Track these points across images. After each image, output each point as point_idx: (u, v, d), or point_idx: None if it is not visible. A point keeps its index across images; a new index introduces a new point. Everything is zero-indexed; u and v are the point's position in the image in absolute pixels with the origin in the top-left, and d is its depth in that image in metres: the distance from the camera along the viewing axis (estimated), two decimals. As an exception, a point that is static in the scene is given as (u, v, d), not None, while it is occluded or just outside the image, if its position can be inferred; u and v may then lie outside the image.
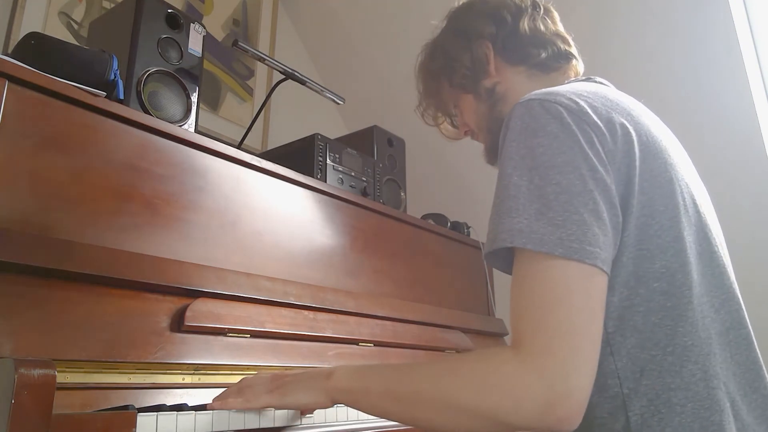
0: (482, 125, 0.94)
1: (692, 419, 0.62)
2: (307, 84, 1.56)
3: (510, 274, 0.66)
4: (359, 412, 0.94)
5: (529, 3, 0.91)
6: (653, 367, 0.64)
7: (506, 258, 0.66)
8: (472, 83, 0.92)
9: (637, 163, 0.68)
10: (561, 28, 0.93)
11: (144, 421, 0.69)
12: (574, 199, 0.62)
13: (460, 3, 0.98)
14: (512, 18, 0.90)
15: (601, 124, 0.67)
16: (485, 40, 0.90)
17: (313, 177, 1.40)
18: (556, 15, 0.94)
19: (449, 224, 1.82)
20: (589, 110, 0.67)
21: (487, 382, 0.61)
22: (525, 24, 0.89)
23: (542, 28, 0.90)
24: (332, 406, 0.78)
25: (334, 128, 2.48)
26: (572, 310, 0.59)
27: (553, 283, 0.60)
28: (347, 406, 0.80)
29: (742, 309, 0.74)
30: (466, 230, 1.86)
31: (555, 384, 0.56)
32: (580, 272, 0.60)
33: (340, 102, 1.67)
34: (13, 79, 0.85)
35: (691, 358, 0.64)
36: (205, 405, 0.81)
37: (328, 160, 1.48)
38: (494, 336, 1.73)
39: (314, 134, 1.49)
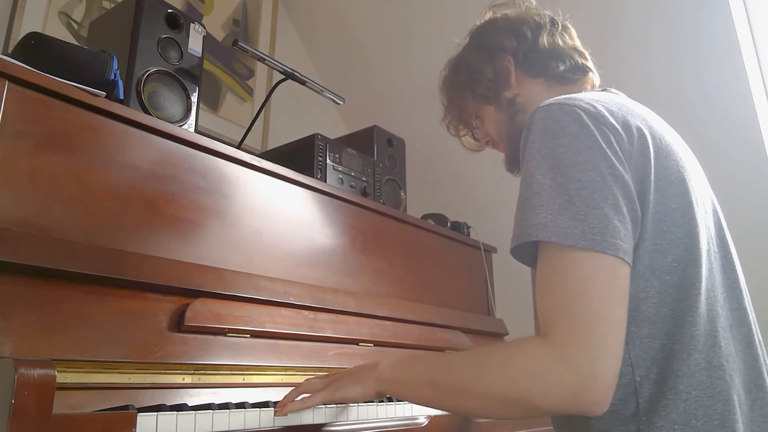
0: (503, 134, 0.98)
1: (696, 406, 0.65)
2: (307, 84, 1.56)
3: (535, 267, 0.69)
4: (359, 412, 0.96)
5: (548, 20, 0.96)
6: (663, 356, 0.67)
7: (531, 253, 0.69)
8: (494, 94, 0.96)
9: (652, 162, 0.71)
10: (578, 43, 0.97)
11: (144, 421, 0.69)
12: (594, 194, 0.65)
13: (482, 21, 1.02)
14: (532, 33, 0.94)
15: (618, 126, 0.70)
16: (506, 53, 0.95)
17: (313, 177, 1.40)
18: (573, 31, 0.98)
19: (449, 224, 1.82)
20: (607, 114, 0.71)
21: (519, 371, 0.64)
22: (544, 39, 0.93)
23: (560, 43, 0.94)
24: (380, 397, 0.83)
25: (334, 128, 2.48)
26: (596, 299, 0.62)
27: (577, 274, 0.63)
28: (391, 395, 0.85)
29: (743, 308, 0.76)
30: (466, 230, 1.86)
31: (583, 371, 0.60)
32: (603, 263, 0.63)
33: (340, 102, 1.67)
34: (13, 79, 0.85)
35: (697, 348, 0.67)
36: (205, 405, 0.81)
37: (328, 160, 1.48)
38: (494, 336, 1.73)
39: (314, 134, 1.49)
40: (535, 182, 0.68)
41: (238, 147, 1.26)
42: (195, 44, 1.25)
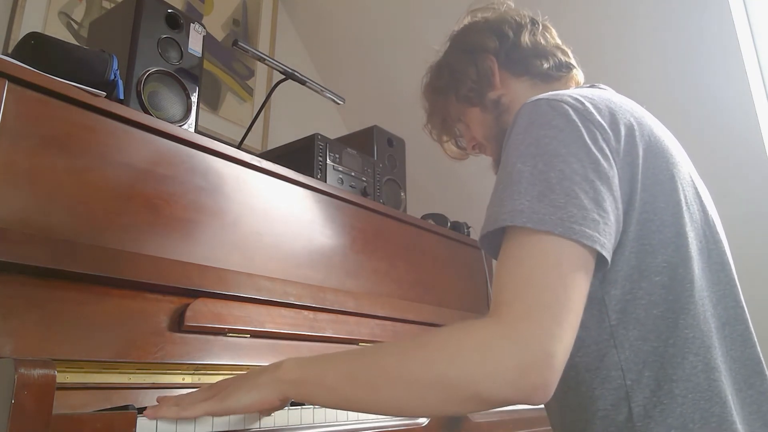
0: (490, 136, 0.96)
1: (693, 410, 0.63)
2: (307, 84, 1.56)
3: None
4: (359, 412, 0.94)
5: (528, 20, 0.96)
6: (655, 359, 0.65)
7: (500, 243, 0.66)
8: (478, 96, 0.95)
9: (640, 161, 0.70)
10: (560, 41, 0.97)
11: (144, 421, 0.69)
12: (575, 185, 0.63)
13: (462, 25, 1.02)
14: (513, 33, 0.94)
15: (605, 124, 0.69)
16: (489, 53, 0.94)
17: (313, 177, 1.40)
18: (554, 30, 0.98)
19: (449, 224, 1.82)
20: (594, 111, 0.70)
21: (462, 348, 0.59)
22: (526, 38, 0.93)
23: (542, 41, 0.94)
24: (284, 405, 0.73)
25: (334, 128, 2.48)
26: (561, 285, 0.59)
27: (547, 258, 0.60)
28: (300, 400, 0.72)
29: (740, 306, 0.75)
30: (466, 230, 1.86)
31: (532, 348, 0.56)
32: (575, 251, 0.60)
33: (340, 102, 1.67)
34: (13, 79, 0.85)
35: (693, 350, 0.65)
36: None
37: (328, 160, 1.48)
38: (494, 336, 1.73)
39: (314, 134, 1.49)
40: (515, 171, 0.65)
41: (238, 147, 1.26)
42: (195, 44, 1.25)
